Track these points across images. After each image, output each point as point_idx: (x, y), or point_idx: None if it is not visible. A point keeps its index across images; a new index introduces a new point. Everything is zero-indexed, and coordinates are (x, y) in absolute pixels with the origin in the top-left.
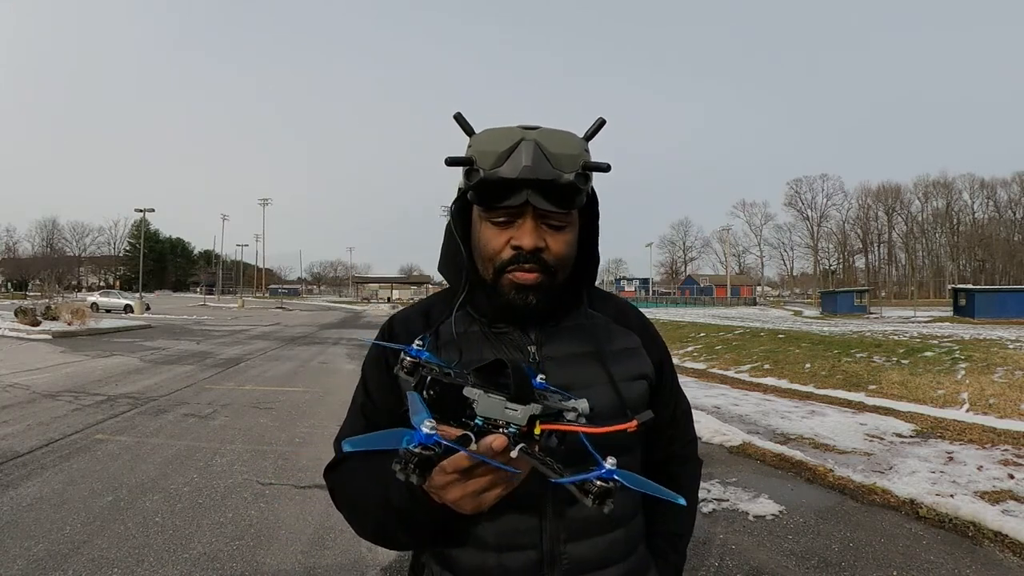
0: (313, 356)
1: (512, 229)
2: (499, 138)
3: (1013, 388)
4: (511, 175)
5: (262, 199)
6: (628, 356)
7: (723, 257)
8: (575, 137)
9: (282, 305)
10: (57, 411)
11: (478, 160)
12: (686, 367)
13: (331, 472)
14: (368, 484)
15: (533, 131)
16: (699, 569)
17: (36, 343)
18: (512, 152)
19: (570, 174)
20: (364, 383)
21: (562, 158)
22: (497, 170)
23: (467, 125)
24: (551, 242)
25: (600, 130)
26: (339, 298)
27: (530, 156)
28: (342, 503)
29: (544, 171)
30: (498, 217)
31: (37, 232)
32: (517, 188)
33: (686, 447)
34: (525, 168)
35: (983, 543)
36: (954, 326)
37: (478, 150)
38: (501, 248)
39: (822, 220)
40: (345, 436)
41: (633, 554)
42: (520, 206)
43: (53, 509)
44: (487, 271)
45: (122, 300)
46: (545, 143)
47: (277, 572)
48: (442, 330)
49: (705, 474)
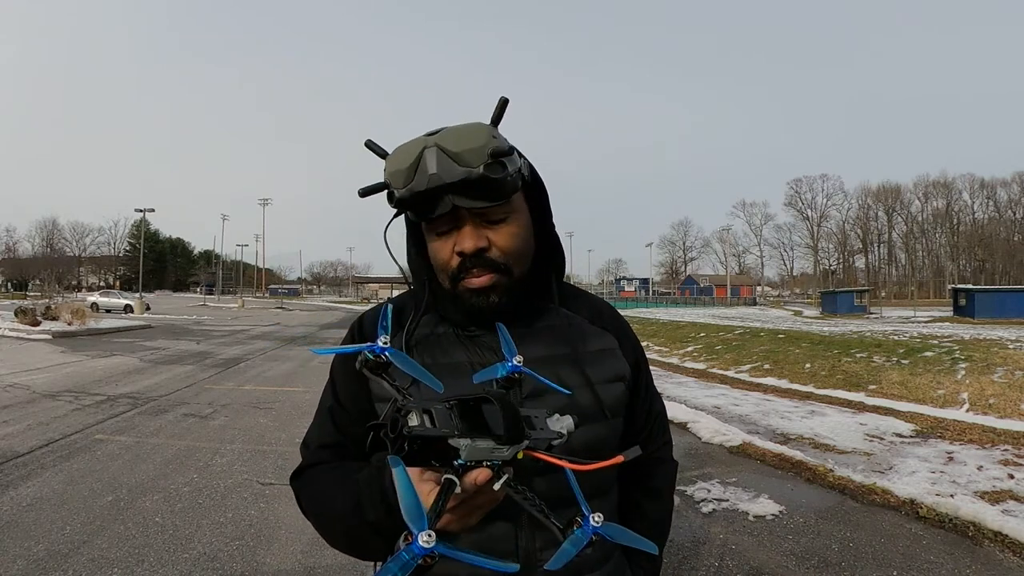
0: (313, 356)
1: (455, 234)
2: (405, 154)
3: (1013, 388)
4: (422, 187)
5: (262, 199)
6: (605, 357)
7: (723, 257)
8: (479, 128)
9: (282, 305)
10: (57, 411)
11: (391, 182)
12: (686, 367)
13: (297, 478)
14: (338, 494)
15: (435, 135)
16: (699, 569)
17: (36, 343)
18: (418, 164)
19: (478, 167)
20: (332, 385)
21: (465, 154)
22: (410, 186)
23: (379, 150)
24: (494, 238)
25: (504, 110)
26: (339, 298)
27: (434, 162)
28: (309, 511)
29: (451, 173)
30: (441, 227)
31: (37, 232)
32: (439, 196)
33: (661, 449)
34: (432, 176)
35: (983, 543)
36: (954, 326)
37: (389, 172)
38: (449, 257)
39: (822, 220)
40: (313, 442)
41: (609, 561)
42: (451, 212)
43: (53, 509)
44: (444, 281)
45: (122, 300)
46: (446, 144)
47: (277, 572)
48: (413, 331)
49: (705, 474)
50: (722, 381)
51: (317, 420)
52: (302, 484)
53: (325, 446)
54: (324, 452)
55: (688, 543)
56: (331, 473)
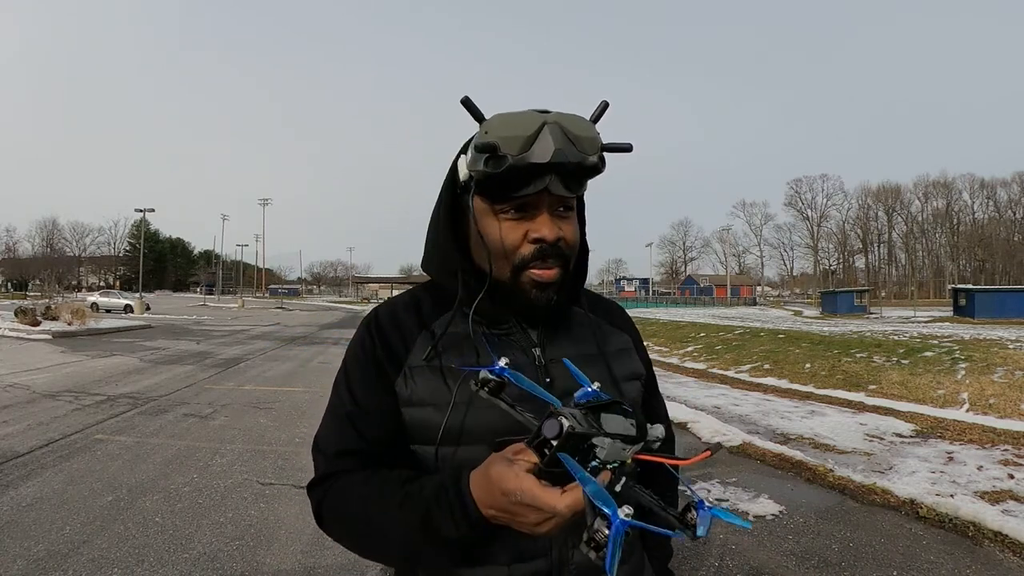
0: (313, 356)
1: (526, 221)
2: (519, 122)
3: (1013, 388)
4: (542, 160)
5: (262, 199)
6: (624, 356)
7: (723, 257)
8: (587, 120)
9: (282, 305)
10: (57, 411)
11: (502, 146)
12: (686, 367)
13: (318, 487)
14: (392, 510)
15: (550, 114)
16: (699, 569)
17: (36, 343)
18: (538, 135)
19: (594, 156)
20: (348, 386)
21: (585, 140)
22: (525, 155)
23: (476, 110)
24: (565, 230)
25: (604, 113)
26: (339, 298)
27: (560, 139)
28: (342, 525)
29: (573, 154)
30: (509, 209)
31: (37, 232)
32: (539, 175)
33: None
34: (557, 152)
35: (983, 543)
36: (954, 326)
37: (500, 135)
38: (519, 243)
39: (822, 220)
40: (331, 446)
41: (633, 555)
42: (535, 195)
43: (53, 509)
44: (503, 270)
45: (122, 300)
46: (568, 126)
47: (277, 572)
48: (438, 331)
49: (705, 474)
50: (722, 381)
51: (333, 424)
52: (328, 496)
53: (346, 453)
54: (346, 460)
55: (688, 543)
56: (368, 484)
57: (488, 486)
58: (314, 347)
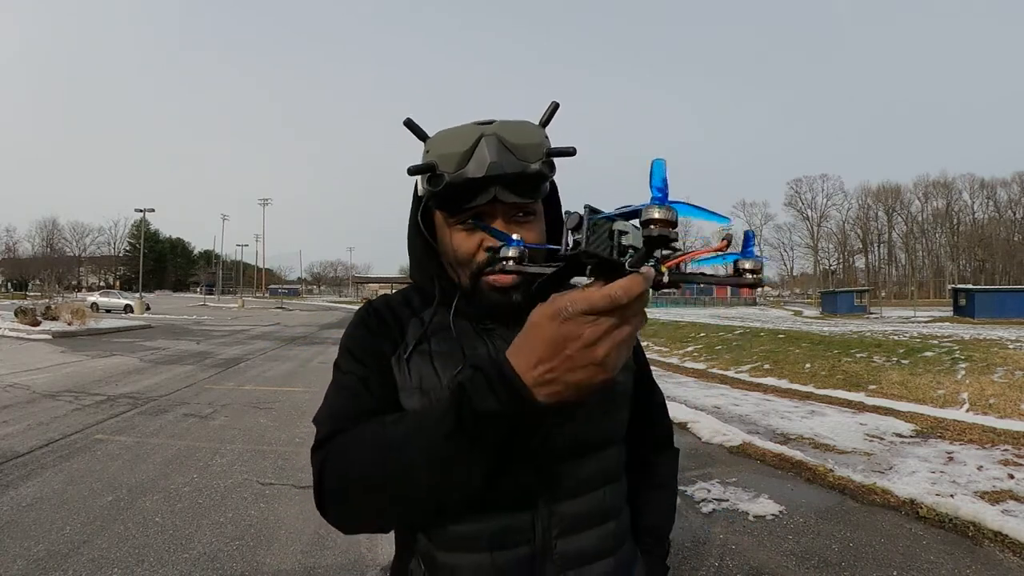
0: (313, 356)
1: (480, 231)
2: (457, 138)
3: (1013, 388)
4: (477, 174)
5: (262, 199)
6: None
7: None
8: (532, 125)
9: (282, 305)
10: (57, 411)
11: (440, 164)
12: (686, 367)
13: (320, 450)
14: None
15: (490, 125)
16: (699, 569)
17: (36, 343)
18: (474, 150)
19: (535, 163)
20: (351, 357)
21: (525, 148)
22: (462, 171)
23: (419, 130)
24: (523, 235)
25: (554, 114)
26: (339, 298)
27: (494, 151)
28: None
29: (510, 164)
30: (466, 219)
31: (37, 232)
32: (483, 187)
33: (663, 438)
34: (492, 164)
35: (983, 543)
36: (954, 326)
37: (438, 154)
38: (474, 251)
39: (822, 220)
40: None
41: (622, 547)
42: (487, 205)
43: (53, 509)
44: (463, 277)
45: (122, 300)
46: (505, 135)
47: (277, 572)
48: (426, 319)
49: (705, 474)
50: (722, 381)
51: (333, 395)
52: (331, 453)
53: (351, 415)
54: (351, 423)
55: (688, 543)
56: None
57: (528, 332)
58: (314, 347)
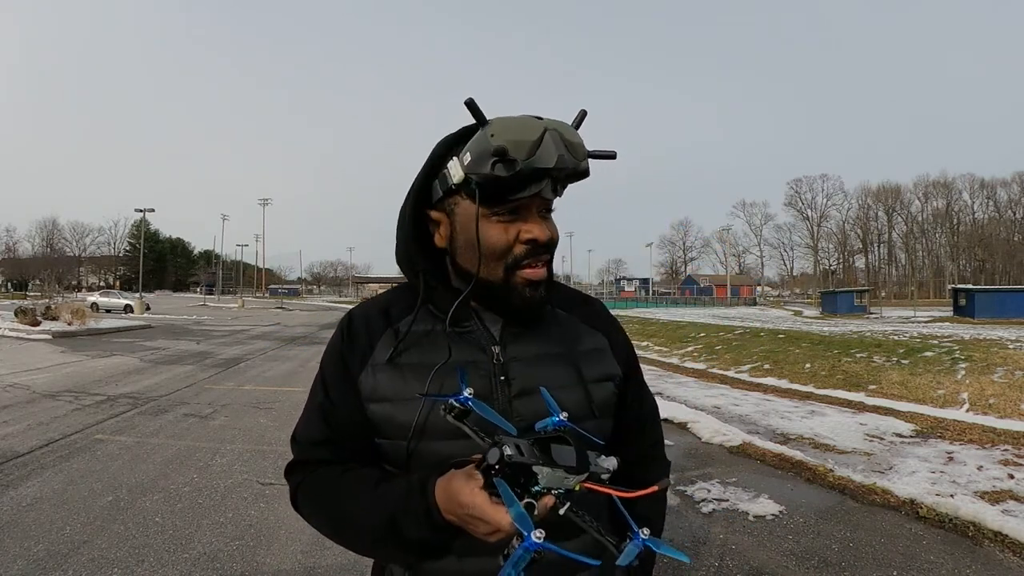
0: (313, 356)
1: (518, 223)
2: (525, 127)
3: (1013, 388)
4: (547, 165)
5: (262, 199)
6: (596, 357)
7: (723, 257)
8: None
9: (282, 305)
10: (57, 411)
11: (511, 149)
12: (686, 367)
13: (294, 473)
14: (362, 506)
15: (544, 120)
16: (699, 569)
17: (36, 343)
18: (542, 141)
19: (584, 162)
20: (323, 381)
21: (577, 147)
22: (531, 160)
23: (480, 112)
24: (552, 230)
25: (583, 120)
26: (339, 298)
27: (561, 145)
28: (318, 514)
29: (570, 160)
30: (503, 212)
31: (37, 232)
32: (538, 179)
33: (652, 448)
34: (560, 157)
35: (983, 543)
36: (954, 326)
37: (507, 139)
38: (511, 244)
39: (822, 220)
40: (303, 437)
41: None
42: (529, 198)
43: (53, 509)
44: (495, 271)
45: (122, 300)
46: (563, 132)
47: (277, 572)
48: (402, 329)
49: (705, 474)
50: (722, 381)
51: (306, 416)
52: (303, 484)
53: (317, 443)
54: (318, 450)
55: (688, 543)
56: (342, 480)
57: (447, 497)
58: (314, 347)
